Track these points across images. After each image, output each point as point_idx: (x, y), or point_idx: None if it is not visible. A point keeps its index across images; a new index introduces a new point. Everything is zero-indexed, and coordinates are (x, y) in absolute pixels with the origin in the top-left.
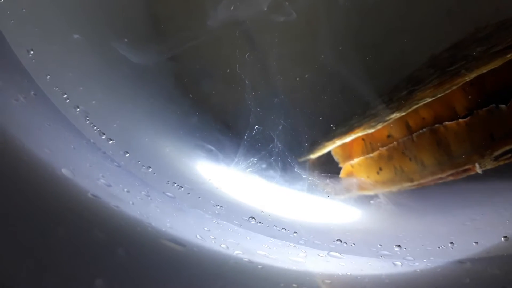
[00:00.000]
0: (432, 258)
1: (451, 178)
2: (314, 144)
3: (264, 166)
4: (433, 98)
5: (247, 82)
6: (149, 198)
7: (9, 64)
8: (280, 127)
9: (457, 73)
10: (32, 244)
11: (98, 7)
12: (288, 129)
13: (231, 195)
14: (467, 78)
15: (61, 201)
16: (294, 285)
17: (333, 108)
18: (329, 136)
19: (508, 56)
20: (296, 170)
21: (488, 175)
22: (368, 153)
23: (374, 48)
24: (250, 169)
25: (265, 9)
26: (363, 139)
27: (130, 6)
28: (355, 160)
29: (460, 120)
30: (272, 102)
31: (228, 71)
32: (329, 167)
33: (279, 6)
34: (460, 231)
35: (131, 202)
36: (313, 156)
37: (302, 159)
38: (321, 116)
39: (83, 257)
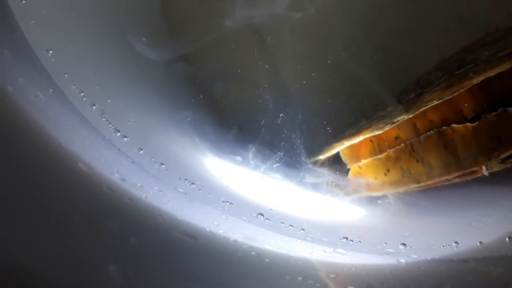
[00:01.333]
0: (436, 257)
1: (457, 180)
2: (323, 145)
3: (274, 165)
4: (441, 101)
5: (258, 83)
6: (161, 193)
7: (30, 63)
8: (290, 128)
9: (465, 76)
10: (49, 231)
11: (114, 8)
12: (298, 129)
13: (241, 193)
14: (475, 81)
15: (77, 192)
16: (299, 278)
17: (343, 109)
18: (338, 137)
19: None
20: (305, 170)
21: (494, 177)
22: (376, 155)
23: (384, 51)
24: (260, 167)
25: (280, 12)
26: (371, 140)
27: (145, 6)
28: (363, 161)
29: (467, 124)
30: (282, 103)
31: (240, 71)
32: (337, 168)
33: (292, 9)
34: (465, 232)
35: (144, 196)
36: (322, 156)
37: (312, 160)
38: (331, 117)
39: (98, 244)
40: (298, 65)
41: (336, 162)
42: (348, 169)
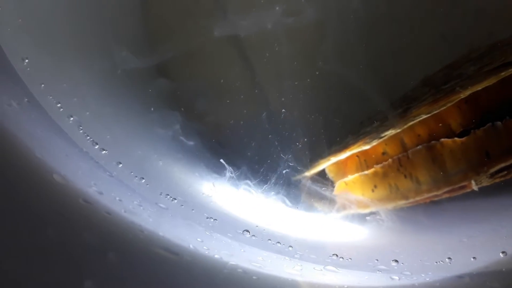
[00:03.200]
0: (430, 273)
1: (447, 195)
2: (309, 161)
3: (258, 181)
4: (429, 115)
5: (241, 99)
6: (141, 207)
7: (4, 71)
8: (275, 144)
9: (452, 91)
10: (21, 244)
11: (94, 19)
12: (283, 146)
13: (225, 209)
14: (462, 96)
15: (52, 205)
16: None
17: (328, 127)
18: (324, 153)
19: (502, 74)
20: (291, 186)
21: (484, 192)
22: (362, 170)
23: (369, 68)
24: (245, 183)
25: (265, 26)
26: (357, 156)
27: (126, 17)
28: (350, 178)
29: (456, 138)
30: (266, 120)
31: (223, 86)
32: (324, 184)
33: (276, 23)
34: (457, 247)
35: (123, 210)
36: (308, 173)
37: (298, 176)
38: (316, 134)
39: (73, 259)
40: (282, 81)
41: (323, 179)
42: (334, 185)
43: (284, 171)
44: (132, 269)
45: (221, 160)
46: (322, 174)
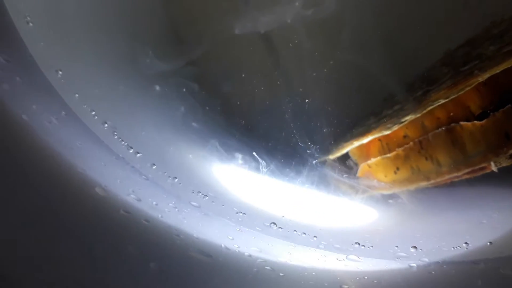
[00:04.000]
0: (447, 259)
1: (467, 176)
2: (332, 145)
3: (283, 168)
4: (447, 100)
5: (266, 85)
6: (176, 209)
7: (41, 87)
8: (298, 129)
9: (471, 74)
10: (71, 262)
11: (119, 23)
12: (306, 130)
13: (253, 202)
14: (480, 79)
15: (96, 220)
16: None
17: (351, 107)
18: (347, 137)
19: None
20: (315, 171)
21: (504, 173)
22: (385, 153)
23: (390, 43)
24: (270, 173)
25: (287, 13)
26: (379, 139)
27: (151, 19)
28: (373, 160)
29: (475, 121)
30: (290, 104)
31: (248, 74)
32: (347, 167)
33: (296, 7)
34: (476, 230)
35: (159, 216)
36: (332, 157)
37: (321, 160)
38: (339, 115)
39: (119, 273)
40: (303, 64)
41: (345, 162)
42: (358, 168)
43: (308, 156)
44: (171, 277)
45: (247, 152)
46: (345, 157)
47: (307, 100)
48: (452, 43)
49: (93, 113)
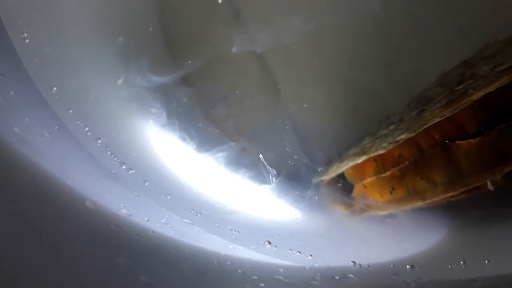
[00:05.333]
0: (445, 277)
1: (463, 195)
2: (328, 165)
3: (278, 187)
4: (442, 118)
5: (261, 104)
6: (168, 225)
7: (35, 101)
8: (294, 148)
9: (465, 93)
10: (59, 276)
11: (114, 39)
12: (302, 149)
13: (247, 219)
14: (475, 97)
15: (86, 233)
16: None
17: (347, 128)
18: (342, 157)
19: None
20: (310, 191)
21: (500, 191)
22: (380, 173)
23: (387, 66)
24: (265, 190)
25: (281, 36)
26: (374, 159)
27: (146, 34)
28: (368, 180)
29: (470, 140)
30: (284, 123)
31: (242, 92)
32: (342, 188)
33: (291, 27)
34: (473, 248)
35: (151, 231)
36: (327, 177)
37: (316, 180)
38: (334, 136)
39: (108, 285)
40: (300, 83)
41: (341, 182)
42: (353, 189)
43: (303, 176)
44: None
45: (242, 170)
46: (340, 177)
47: (302, 120)
48: (447, 65)
49: (87, 129)
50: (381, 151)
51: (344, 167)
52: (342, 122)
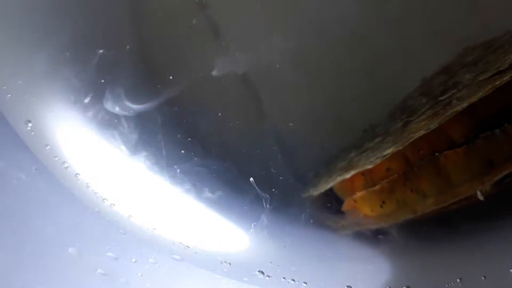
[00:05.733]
0: None
1: (454, 206)
2: (315, 179)
3: (266, 208)
4: (428, 131)
5: (244, 121)
6: (157, 265)
7: (9, 142)
8: (278, 164)
9: (449, 103)
10: None
11: (91, 67)
12: (288, 164)
13: (238, 250)
14: (460, 108)
15: (72, 282)
16: None
17: (331, 139)
18: (330, 171)
19: (497, 83)
20: (298, 210)
21: (491, 200)
22: (369, 187)
23: (366, 73)
24: (253, 214)
25: (262, 56)
26: (362, 174)
27: (123, 61)
28: (358, 194)
29: (457, 149)
30: (268, 139)
31: (226, 113)
32: (332, 203)
33: (271, 46)
34: (469, 265)
35: (139, 274)
36: (315, 193)
37: (304, 196)
38: (320, 148)
39: None
40: (282, 96)
41: (330, 197)
42: (342, 203)
43: (291, 196)
44: None
45: (228, 195)
46: (329, 192)
47: (287, 134)
48: (427, 71)
49: (65, 165)
50: (369, 166)
51: (332, 182)
52: (326, 133)
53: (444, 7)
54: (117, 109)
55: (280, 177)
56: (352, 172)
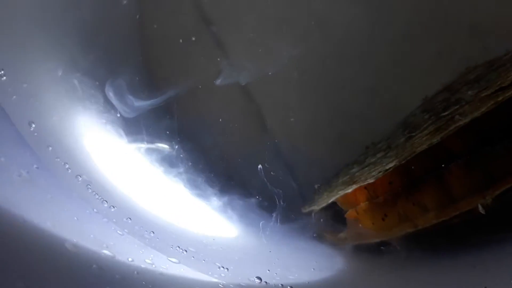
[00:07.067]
0: None
1: (456, 220)
2: (317, 195)
3: (264, 220)
4: (430, 145)
5: (246, 135)
6: (153, 266)
7: (11, 139)
8: (280, 178)
9: (452, 119)
10: None
11: (94, 76)
12: (290, 179)
13: (236, 255)
14: (462, 123)
15: (66, 275)
16: None
17: (333, 155)
18: (331, 186)
19: (499, 99)
20: (300, 221)
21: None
22: (372, 201)
23: (369, 92)
24: (252, 224)
25: (266, 68)
26: (365, 187)
27: (126, 67)
28: (361, 205)
29: (459, 163)
30: (270, 153)
31: (225, 123)
32: (333, 217)
33: (275, 58)
34: (469, 276)
35: (135, 272)
36: (317, 207)
37: (306, 211)
38: (321, 163)
39: None
40: (283, 112)
41: (332, 211)
42: (345, 217)
43: (292, 207)
44: None
45: (227, 203)
46: (331, 206)
47: (288, 148)
48: (430, 89)
49: (67, 166)
50: (371, 180)
51: (333, 196)
52: (328, 149)
53: (446, 29)
54: (119, 115)
55: (280, 190)
56: (354, 187)
